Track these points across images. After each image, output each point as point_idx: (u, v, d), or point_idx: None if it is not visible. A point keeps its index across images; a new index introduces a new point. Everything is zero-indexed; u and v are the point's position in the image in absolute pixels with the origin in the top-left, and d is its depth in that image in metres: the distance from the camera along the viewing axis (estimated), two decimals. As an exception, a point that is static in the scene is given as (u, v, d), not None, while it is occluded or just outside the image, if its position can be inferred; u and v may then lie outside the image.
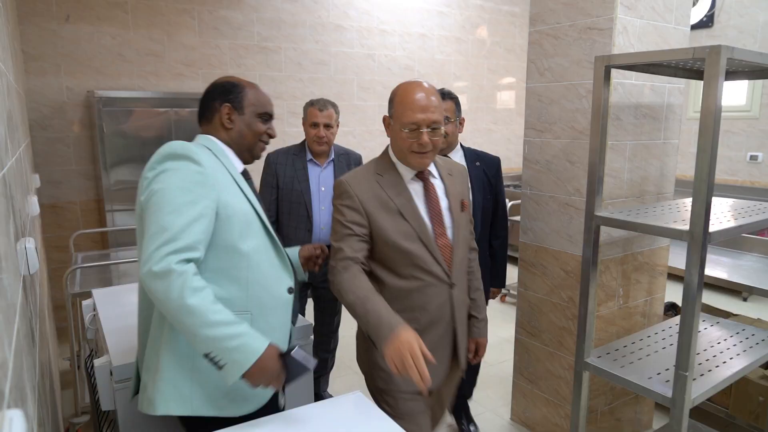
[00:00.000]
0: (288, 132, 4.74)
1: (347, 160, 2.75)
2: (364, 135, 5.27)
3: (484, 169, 2.49)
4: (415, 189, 1.65)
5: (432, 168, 1.71)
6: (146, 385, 1.39)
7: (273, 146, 2.03)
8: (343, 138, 4.63)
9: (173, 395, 1.34)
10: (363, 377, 1.76)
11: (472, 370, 2.73)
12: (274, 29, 4.60)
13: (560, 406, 2.57)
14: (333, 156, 2.71)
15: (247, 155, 1.51)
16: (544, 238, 2.55)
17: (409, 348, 1.31)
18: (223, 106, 1.46)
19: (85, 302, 2.28)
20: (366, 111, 5.29)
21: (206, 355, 1.24)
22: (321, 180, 2.67)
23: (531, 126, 2.55)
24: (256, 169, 1.87)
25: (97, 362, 1.65)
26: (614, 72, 2.12)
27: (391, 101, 1.64)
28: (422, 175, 1.66)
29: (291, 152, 2.70)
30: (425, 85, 1.61)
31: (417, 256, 1.60)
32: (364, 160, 2.18)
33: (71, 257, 3.22)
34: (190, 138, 1.46)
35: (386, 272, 1.62)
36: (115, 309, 2.06)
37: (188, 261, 1.24)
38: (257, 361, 1.24)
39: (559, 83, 2.38)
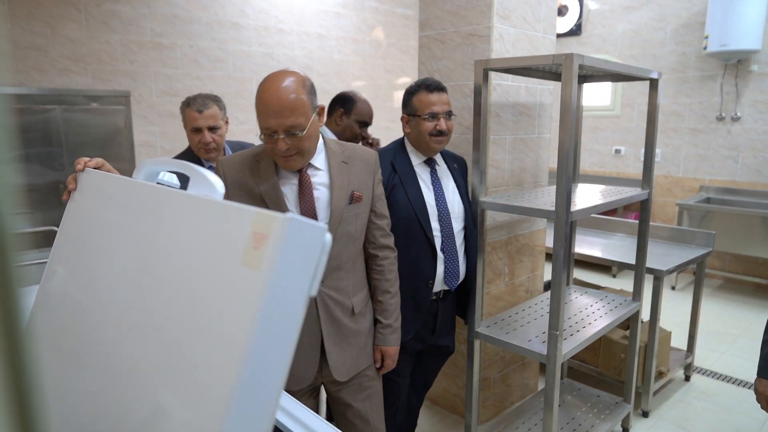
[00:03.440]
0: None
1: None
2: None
3: (462, 172, 2.22)
4: (290, 180, 1.53)
5: (317, 158, 1.56)
6: None
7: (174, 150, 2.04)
8: (244, 136, 4.63)
9: None
10: None
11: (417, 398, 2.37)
12: (168, 25, 4.50)
13: (458, 377, 2.82)
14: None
15: None
16: (439, 225, 2.78)
17: None
18: (337, 110, 2.46)
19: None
20: (266, 109, 5.31)
21: None
22: None
23: (424, 122, 2.77)
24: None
25: None
26: (493, 74, 2.39)
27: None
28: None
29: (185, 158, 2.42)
30: (284, 82, 1.38)
31: None
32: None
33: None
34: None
35: None
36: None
37: None
38: None
39: (446, 84, 2.61)
